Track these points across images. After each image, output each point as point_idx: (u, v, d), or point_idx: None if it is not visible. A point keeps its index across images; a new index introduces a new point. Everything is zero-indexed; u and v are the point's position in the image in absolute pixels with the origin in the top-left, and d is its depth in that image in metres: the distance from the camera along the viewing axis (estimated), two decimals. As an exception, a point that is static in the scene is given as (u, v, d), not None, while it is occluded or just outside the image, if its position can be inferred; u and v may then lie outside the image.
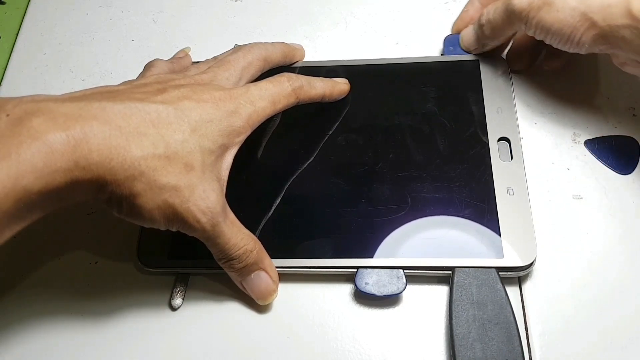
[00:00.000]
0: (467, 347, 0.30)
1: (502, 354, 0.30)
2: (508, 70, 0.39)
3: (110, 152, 0.26)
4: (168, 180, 0.28)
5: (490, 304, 0.31)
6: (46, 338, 0.35)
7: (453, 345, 0.30)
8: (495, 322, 0.31)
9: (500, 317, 0.31)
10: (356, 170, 0.36)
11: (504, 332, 0.31)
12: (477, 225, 0.34)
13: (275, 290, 0.34)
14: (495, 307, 0.31)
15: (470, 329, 0.31)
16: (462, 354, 0.30)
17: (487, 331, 0.31)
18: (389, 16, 0.45)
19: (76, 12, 0.49)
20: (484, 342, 0.30)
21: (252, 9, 0.47)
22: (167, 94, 0.30)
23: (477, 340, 0.30)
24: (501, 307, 0.31)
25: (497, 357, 0.30)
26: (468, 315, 0.31)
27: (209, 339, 0.34)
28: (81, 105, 0.27)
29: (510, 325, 0.31)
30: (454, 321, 0.31)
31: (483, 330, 0.31)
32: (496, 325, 0.31)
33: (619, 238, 0.35)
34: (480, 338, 0.30)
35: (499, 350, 0.30)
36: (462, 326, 0.31)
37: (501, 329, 0.31)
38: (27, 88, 0.45)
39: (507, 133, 0.36)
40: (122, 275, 0.37)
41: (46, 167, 0.25)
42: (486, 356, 0.30)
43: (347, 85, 0.38)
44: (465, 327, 0.31)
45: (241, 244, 0.31)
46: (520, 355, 0.30)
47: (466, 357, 0.30)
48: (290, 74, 0.35)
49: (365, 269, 0.33)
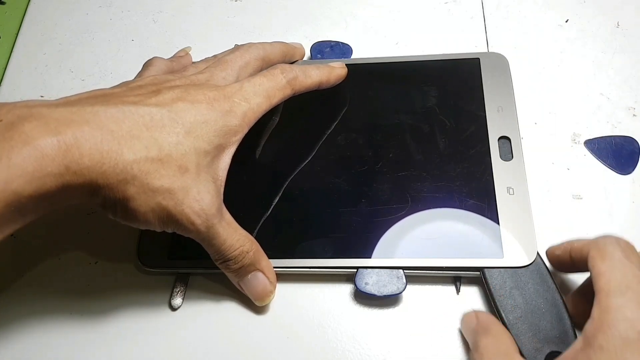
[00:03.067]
0: (524, 331, 0.30)
1: (554, 326, 0.30)
2: (508, 68, 0.39)
3: (102, 157, 0.26)
4: (161, 183, 0.28)
5: (531, 283, 0.32)
6: (46, 338, 0.35)
7: (511, 333, 0.30)
8: (540, 297, 0.31)
9: (543, 290, 0.32)
10: (356, 170, 0.36)
11: (550, 305, 0.31)
12: (477, 225, 0.34)
13: (273, 291, 0.34)
14: (536, 283, 0.32)
15: (519, 312, 0.31)
16: (523, 339, 0.30)
17: (536, 309, 0.31)
18: (389, 16, 0.45)
19: (76, 12, 0.49)
20: (535, 319, 0.31)
21: (252, 9, 0.47)
22: (161, 96, 0.30)
23: (527, 321, 0.31)
24: (542, 280, 0.32)
25: (550, 330, 0.30)
26: (514, 301, 0.31)
27: (208, 339, 0.34)
28: (74, 110, 0.27)
29: (555, 295, 0.31)
30: (502, 313, 0.31)
31: (532, 309, 0.31)
32: (542, 299, 0.31)
33: (619, 238, 0.35)
34: (532, 317, 0.31)
35: (551, 322, 0.31)
36: (511, 312, 0.31)
37: (546, 301, 0.31)
38: (27, 88, 0.45)
39: (508, 132, 0.36)
40: (122, 275, 0.37)
41: (37, 171, 0.25)
42: (540, 329, 0.30)
43: (344, 69, 0.38)
44: (514, 312, 0.31)
45: (237, 245, 0.31)
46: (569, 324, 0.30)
47: (526, 338, 0.30)
48: (284, 65, 0.34)
49: (365, 269, 0.33)
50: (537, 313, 0.31)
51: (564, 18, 0.44)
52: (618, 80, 0.40)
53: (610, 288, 0.26)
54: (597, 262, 0.27)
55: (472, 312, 0.32)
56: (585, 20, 0.43)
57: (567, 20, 0.44)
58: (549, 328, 0.31)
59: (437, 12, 0.45)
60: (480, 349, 0.29)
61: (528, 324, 0.31)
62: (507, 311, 0.31)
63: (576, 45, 0.42)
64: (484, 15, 0.44)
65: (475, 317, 0.31)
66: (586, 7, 0.44)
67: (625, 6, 0.44)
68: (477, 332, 0.30)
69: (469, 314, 0.32)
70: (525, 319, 0.31)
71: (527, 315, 0.31)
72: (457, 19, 0.45)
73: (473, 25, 0.44)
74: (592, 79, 0.41)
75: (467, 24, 0.44)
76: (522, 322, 0.31)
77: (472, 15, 0.45)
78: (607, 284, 0.26)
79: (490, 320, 0.31)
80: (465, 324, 0.32)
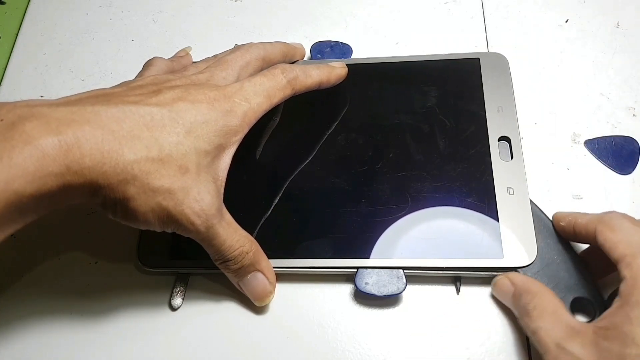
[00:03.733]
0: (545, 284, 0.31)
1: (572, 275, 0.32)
2: (508, 68, 0.39)
3: (102, 157, 0.26)
4: (162, 184, 0.28)
5: (541, 238, 0.33)
6: (46, 338, 0.35)
7: None
8: (552, 250, 0.33)
9: (553, 243, 0.33)
10: (356, 170, 0.36)
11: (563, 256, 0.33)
12: (477, 225, 0.34)
13: (272, 291, 0.34)
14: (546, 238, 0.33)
15: (536, 268, 0.32)
16: None
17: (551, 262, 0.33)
18: (389, 16, 0.45)
19: (76, 12, 0.49)
20: (553, 271, 0.32)
21: (252, 9, 0.47)
22: (161, 96, 0.29)
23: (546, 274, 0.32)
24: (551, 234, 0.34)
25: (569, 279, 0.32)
26: None
27: (208, 339, 0.34)
28: (74, 110, 0.27)
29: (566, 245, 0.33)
30: (520, 271, 0.32)
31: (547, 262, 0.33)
32: (554, 252, 0.33)
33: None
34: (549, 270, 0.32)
35: (568, 272, 0.32)
36: (529, 269, 0.32)
37: (559, 253, 0.33)
38: (27, 88, 0.45)
39: (508, 132, 0.36)
40: (122, 275, 0.37)
41: (38, 171, 0.25)
42: (559, 279, 0.32)
43: (344, 69, 0.38)
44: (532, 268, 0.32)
45: (237, 246, 0.31)
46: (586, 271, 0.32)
47: None
48: (285, 65, 0.34)
49: (365, 269, 0.33)
50: (553, 265, 0.32)
51: (564, 18, 0.44)
52: (618, 80, 0.40)
53: (634, 251, 0.28)
54: (608, 235, 0.29)
55: (504, 278, 0.32)
56: (585, 20, 0.43)
57: (567, 20, 0.44)
58: (567, 277, 0.32)
59: (437, 12, 0.45)
60: (529, 312, 0.30)
61: (547, 276, 0.32)
62: (525, 269, 0.32)
63: (576, 45, 0.42)
64: (484, 15, 0.44)
65: (510, 282, 0.32)
66: (586, 7, 0.44)
67: (625, 6, 0.44)
68: (520, 296, 0.31)
69: (500, 280, 0.32)
70: (543, 273, 0.32)
71: (545, 269, 0.32)
72: (457, 19, 0.45)
73: (473, 25, 0.44)
74: (592, 79, 0.41)
75: (467, 24, 0.44)
76: (541, 276, 0.32)
77: (472, 15, 0.45)
78: (629, 248, 0.28)
79: (528, 281, 0.31)
80: (500, 291, 0.33)
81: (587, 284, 0.32)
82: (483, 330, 0.33)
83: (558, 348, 0.28)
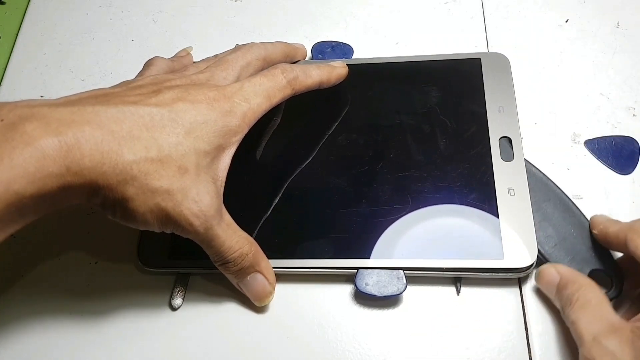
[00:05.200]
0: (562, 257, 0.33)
1: (588, 247, 0.33)
2: (510, 68, 0.39)
3: (102, 157, 0.26)
4: (161, 184, 0.28)
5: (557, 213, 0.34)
6: (46, 338, 0.35)
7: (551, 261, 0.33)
8: (568, 224, 0.34)
9: (569, 217, 0.34)
10: (357, 170, 0.36)
11: (579, 229, 0.34)
12: (477, 226, 0.34)
13: (272, 292, 0.34)
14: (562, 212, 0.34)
15: (553, 242, 0.33)
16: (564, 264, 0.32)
17: (567, 235, 0.34)
18: (389, 16, 0.45)
19: (76, 12, 0.49)
20: (569, 244, 0.33)
21: (252, 9, 0.47)
22: (161, 96, 0.29)
23: (563, 248, 0.33)
24: (567, 208, 0.34)
25: (586, 251, 0.33)
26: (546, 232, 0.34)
27: (208, 339, 0.34)
28: (74, 110, 0.27)
29: (581, 219, 0.34)
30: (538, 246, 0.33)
31: (564, 236, 0.34)
32: (570, 225, 0.34)
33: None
34: (566, 243, 0.33)
35: (584, 244, 0.33)
36: (546, 244, 0.33)
37: (575, 226, 0.34)
38: (27, 88, 0.45)
39: (509, 132, 0.36)
40: (122, 275, 0.37)
41: (38, 172, 0.25)
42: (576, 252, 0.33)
43: (344, 68, 0.38)
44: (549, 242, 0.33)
45: (236, 247, 0.31)
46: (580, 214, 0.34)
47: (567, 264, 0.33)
48: (285, 65, 0.34)
49: (365, 269, 0.33)
50: (570, 239, 0.33)
51: (564, 18, 0.44)
52: (618, 80, 0.40)
53: None
54: (639, 242, 0.30)
55: (550, 267, 0.32)
56: (585, 20, 0.43)
57: (567, 20, 0.44)
58: (585, 250, 0.33)
59: (437, 12, 0.45)
60: (573, 302, 0.30)
61: (564, 250, 0.33)
62: (542, 243, 0.33)
63: (576, 45, 0.42)
64: (484, 15, 0.44)
65: (556, 272, 0.32)
66: (586, 7, 0.44)
67: (625, 6, 0.44)
68: (566, 286, 0.31)
69: (547, 269, 0.32)
70: (560, 247, 0.33)
71: (562, 243, 0.33)
72: (457, 19, 0.45)
73: (473, 25, 0.44)
74: (592, 79, 0.41)
75: (467, 24, 0.44)
76: (558, 250, 0.33)
77: (472, 15, 0.45)
78: None
79: (574, 273, 0.32)
80: (545, 280, 0.32)
81: (604, 256, 0.33)
82: (483, 330, 0.33)
83: (594, 341, 0.28)
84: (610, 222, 0.32)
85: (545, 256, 0.33)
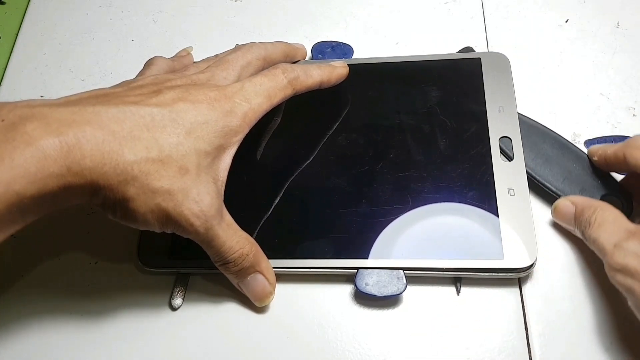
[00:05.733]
0: (573, 190, 0.35)
1: (592, 176, 0.35)
2: (510, 68, 0.39)
3: (103, 157, 0.26)
4: (161, 184, 0.28)
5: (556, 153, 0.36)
6: (46, 338, 0.35)
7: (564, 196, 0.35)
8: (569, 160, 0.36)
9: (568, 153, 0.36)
10: (357, 170, 0.36)
11: (580, 163, 0.36)
12: (477, 226, 0.34)
13: (272, 292, 0.34)
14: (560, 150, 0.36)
15: (561, 178, 0.35)
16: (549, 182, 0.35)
17: (571, 169, 0.35)
18: (389, 16, 0.45)
19: (76, 12, 0.49)
20: (575, 177, 0.35)
21: (252, 9, 0.47)
22: (162, 96, 0.29)
23: (571, 182, 0.35)
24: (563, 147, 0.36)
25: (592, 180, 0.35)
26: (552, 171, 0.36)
27: (208, 339, 0.34)
28: (75, 110, 0.27)
29: (579, 154, 0.36)
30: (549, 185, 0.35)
31: (568, 170, 0.35)
32: (571, 162, 0.36)
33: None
34: (572, 177, 0.35)
35: (588, 174, 0.35)
36: (555, 180, 0.35)
37: (575, 161, 0.36)
38: (27, 88, 0.45)
39: (509, 132, 0.36)
40: (122, 275, 0.37)
41: (39, 172, 0.25)
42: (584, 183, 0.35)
43: (345, 68, 0.38)
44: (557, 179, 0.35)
45: (237, 247, 0.31)
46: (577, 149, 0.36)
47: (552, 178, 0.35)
48: (285, 65, 0.34)
49: (365, 269, 0.33)
50: (575, 172, 0.35)
51: (564, 18, 0.44)
52: (618, 80, 0.40)
53: None
54: (637, 154, 0.32)
55: (564, 200, 0.34)
56: (585, 20, 0.43)
57: (567, 20, 0.44)
58: (591, 179, 0.35)
59: (437, 12, 0.45)
60: (591, 223, 0.31)
61: (573, 183, 0.35)
62: (551, 182, 0.35)
63: (576, 45, 0.42)
64: (484, 15, 0.44)
65: (571, 202, 0.33)
66: (586, 7, 0.44)
67: (625, 6, 0.44)
68: (582, 212, 0.32)
69: (561, 202, 0.34)
70: (568, 181, 0.35)
71: (568, 177, 0.35)
72: (457, 19, 0.45)
73: (473, 25, 0.44)
74: (592, 79, 0.41)
75: (467, 24, 0.44)
76: (567, 184, 0.35)
77: (472, 15, 0.45)
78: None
79: (588, 199, 0.33)
80: (561, 213, 0.34)
81: (609, 181, 0.35)
82: (483, 330, 0.33)
83: (616, 248, 0.29)
84: (607, 146, 0.34)
85: (557, 192, 0.35)
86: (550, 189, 0.35)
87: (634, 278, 0.28)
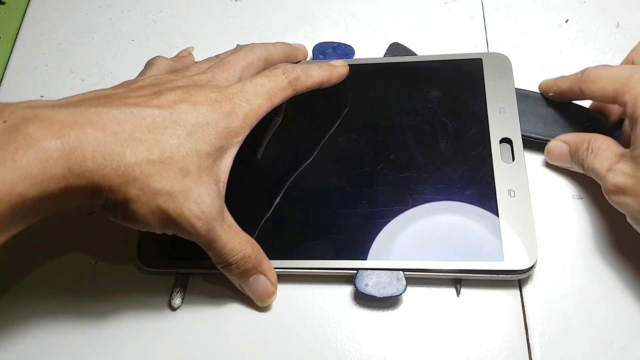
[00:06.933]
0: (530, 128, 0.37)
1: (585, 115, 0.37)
2: (511, 69, 0.38)
3: (104, 159, 0.26)
4: (162, 186, 0.28)
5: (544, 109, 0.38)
6: (46, 338, 0.35)
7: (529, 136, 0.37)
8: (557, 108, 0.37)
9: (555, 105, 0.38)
10: (357, 171, 0.36)
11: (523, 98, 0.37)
12: (477, 227, 0.34)
13: (274, 292, 0.34)
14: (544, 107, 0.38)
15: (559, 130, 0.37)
16: None
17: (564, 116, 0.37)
18: (389, 16, 0.45)
19: (76, 12, 0.49)
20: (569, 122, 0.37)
21: (252, 9, 0.47)
22: (163, 97, 0.29)
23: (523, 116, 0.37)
24: None
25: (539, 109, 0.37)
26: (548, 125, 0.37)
27: (208, 339, 0.34)
28: (77, 112, 0.27)
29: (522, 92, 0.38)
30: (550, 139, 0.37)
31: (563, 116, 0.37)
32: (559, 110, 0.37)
33: (619, 239, 0.35)
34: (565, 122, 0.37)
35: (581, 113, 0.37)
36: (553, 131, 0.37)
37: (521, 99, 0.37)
38: (27, 88, 0.45)
39: (510, 134, 0.36)
40: (122, 275, 0.37)
41: (41, 173, 0.25)
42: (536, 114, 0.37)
43: (345, 67, 0.38)
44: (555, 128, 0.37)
45: (238, 249, 0.31)
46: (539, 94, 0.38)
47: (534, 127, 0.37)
48: (286, 65, 0.34)
49: (365, 270, 0.33)
50: (550, 115, 0.37)
51: (564, 18, 0.44)
52: (618, 80, 0.40)
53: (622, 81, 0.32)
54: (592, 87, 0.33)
55: (555, 141, 0.36)
56: (585, 20, 0.43)
57: (567, 20, 0.44)
58: (565, 116, 0.37)
59: (437, 12, 0.45)
60: (587, 155, 0.33)
61: (559, 125, 0.37)
62: (535, 131, 0.37)
63: (576, 45, 0.42)
64: (484, 15, 0.44)
65: (562, 142, 0.35)
66: (586, 7, 0.44)
67: (625, 6, 0.44)
68: (577, 148, 0.34)
69: (553, 144, 0.36)
70: (553, 126, 0.37)
71: (547, 121, 0.37)
72: (457, 19, 0.44)
73: (473, 25, 0.44)
74: (593, 80, 0.41)
75: (467, 24, 0.44)
76: (554, 127, 0.37)
77: (472, 15, 0.44)
78: (616, 83, 0.32)
79: (577, 134, 0.35)
80: (556, 154, 0.36)
81: (585, 111, 0.37)
82: (483, 331, 0.33)
83: (609, 171, 0.31)
84: (559, 81, 0.37)
85: (545, 137, 0.36)
86: (538, 137, 0.37)
87: (626, 194, 0.30)
